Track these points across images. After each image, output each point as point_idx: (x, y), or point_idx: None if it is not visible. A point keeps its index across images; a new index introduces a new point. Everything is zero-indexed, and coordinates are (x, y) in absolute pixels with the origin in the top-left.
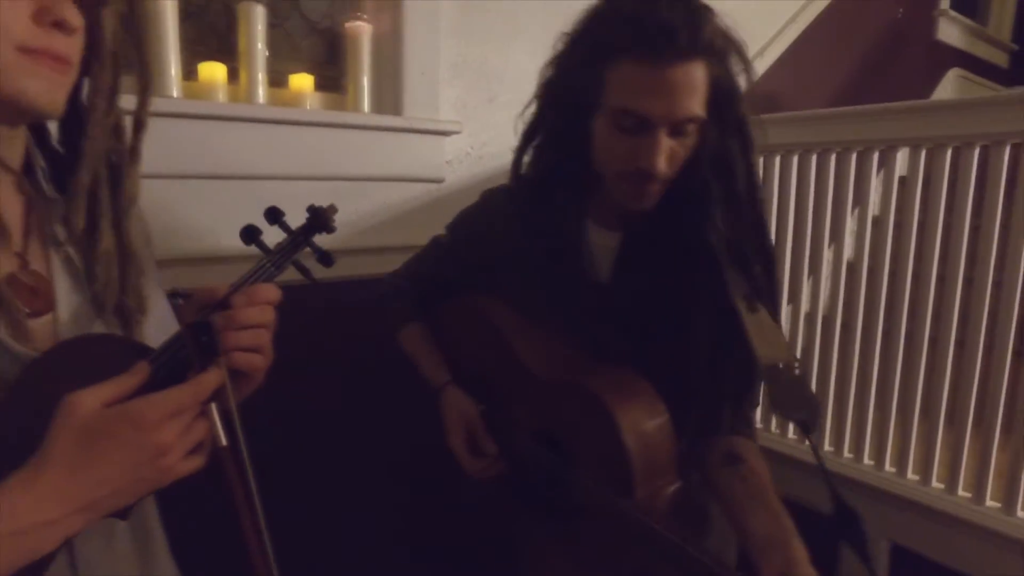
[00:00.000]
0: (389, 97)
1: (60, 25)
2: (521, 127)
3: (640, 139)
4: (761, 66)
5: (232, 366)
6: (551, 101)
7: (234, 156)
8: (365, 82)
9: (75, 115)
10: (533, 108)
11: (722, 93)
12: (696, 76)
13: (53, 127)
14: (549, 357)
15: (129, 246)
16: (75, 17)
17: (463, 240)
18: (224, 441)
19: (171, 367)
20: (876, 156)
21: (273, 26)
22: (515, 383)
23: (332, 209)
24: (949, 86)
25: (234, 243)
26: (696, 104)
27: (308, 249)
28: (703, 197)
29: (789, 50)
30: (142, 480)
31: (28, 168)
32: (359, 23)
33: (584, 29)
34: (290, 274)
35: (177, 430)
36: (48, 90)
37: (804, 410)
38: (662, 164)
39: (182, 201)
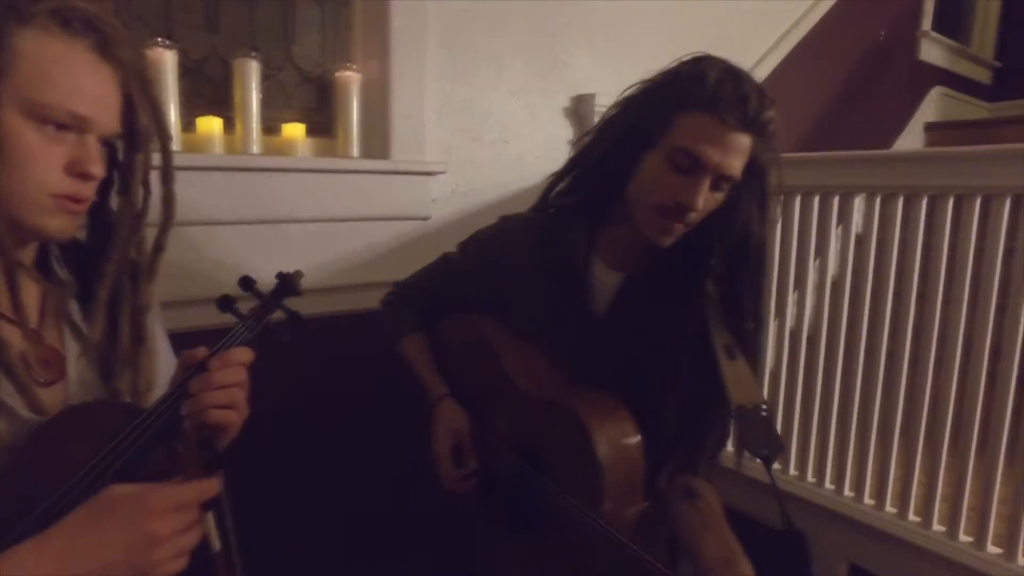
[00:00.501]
0: (377, 141)
1: (85, 176)
2: (569, 155)
3: (688, 179)
4: (759, 76)
5: (208, 422)
6: (608, 134)
7: (230, 204)
8: (354, 127)
9: (99, 228)
10: (586, 140)
11: (757, 168)
12: (746, 144)
13: None
14: (537, 376)
15: (143, 340)
16: (99, 170)
17: (475, 261)
18: (217, 547)
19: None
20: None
21: (267, 76)
22: (501, 397)
23: (299, 274)
24: (933, 104)
25: (232, 287)
26: (739, 166)
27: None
28: (706, 253)
29: (775, 72)
30: (131, 566)
31: (43, 255)
32: (348, 73)
33: (669, 79)
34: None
35: (173, 525)
36: (64, 226)
37: (768, 447)
38: (700, 203)
39: (183, 247)
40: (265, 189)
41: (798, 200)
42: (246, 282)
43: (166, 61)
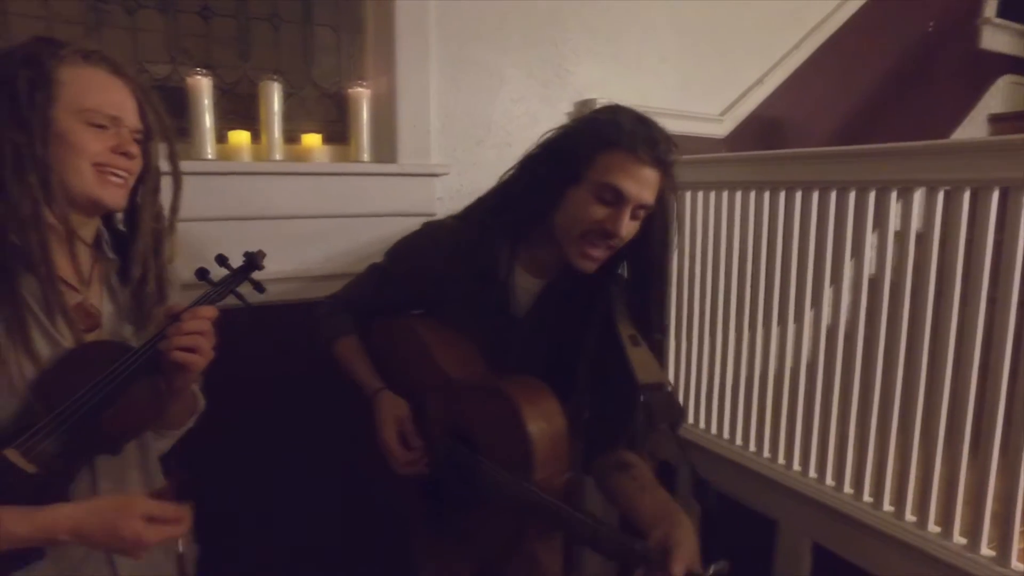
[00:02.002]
0: (386, 147)
1: (126, 154)
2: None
3: (612, 209)
4: (772, 84)
5: (175, 360)
6: (531, 171)
7: (256, 201)
8: (365, 136)
9: (133, 208)
10: (510, 174)
11: (664, 200)
12: (656, 179)
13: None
14: (467, 366)
15: (166, 298)
16: (135, 149)
17: (403, 267)
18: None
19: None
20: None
21: (290, 94)
22: (435, 388)
23: (261, 254)
24: (999, 94)
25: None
26: (653, 197)
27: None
28: (616, 265)
29: (795, 74)
30: (111, 547)
31: (97, 239)
32: (360, 88)
33: (589, 122)
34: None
35: (154, 532)
36: (115, 196)
37: (673, 416)
38: (623, 230)
39: (216, 238)
40: (286, 190)
41: (833, 195)
42: (220, 258)
43: (203, 87)
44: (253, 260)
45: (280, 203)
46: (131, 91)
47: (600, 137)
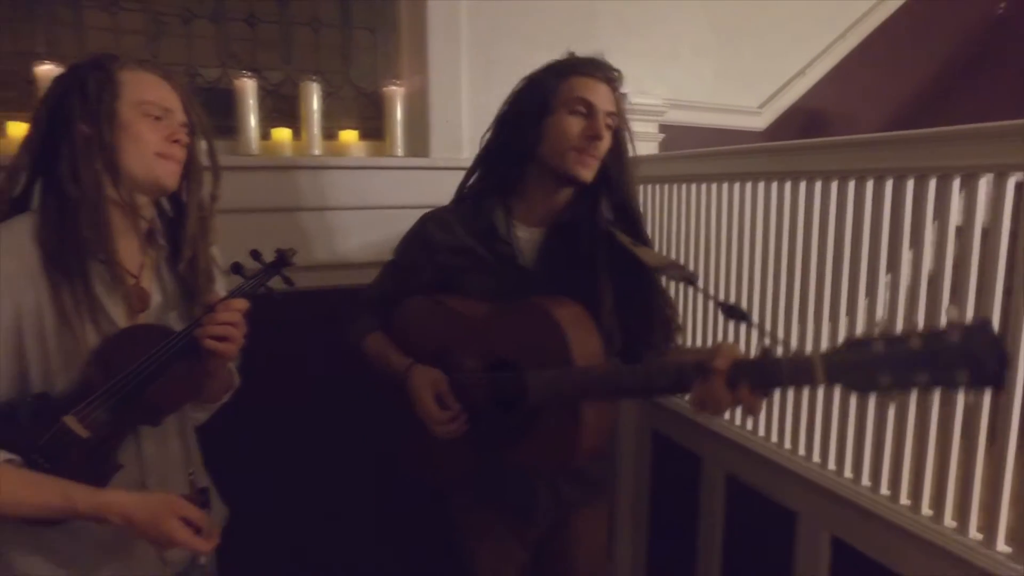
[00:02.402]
0: (419, 142)
1: (178, 141)
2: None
3: (588, 119)
4: (815, 74)
5: (206, 347)
6: (509, 121)
7: (296, 194)
8: (399, 132)
9: (180, 196)
10: (487, 137)
11: (623, 127)
12: (610, 92)
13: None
14: (489, 310)
15: (213, 281)
16: (186, 138)
17: (416, 251)
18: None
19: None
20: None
21: (328, 94)
22: (465, 337)
23: (292, 251)
24: None
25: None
26: (615, 107)
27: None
28: (596, 202)
29: (845, 61)
30: (147, 535)
31: (151, 230)
32: (394, 87)
33: (546, 68)
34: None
35: (187, 532)
36: (171, 176)
37: (681, 273)
38: (603, 131)
39: (258, 229)
40: (325, 183)
41: (889, 184)
42: (254, 253)
43: (248, 88)
44: (284, 256)
45: (319, 195)
46: (177, 92)
47: (559, 72)
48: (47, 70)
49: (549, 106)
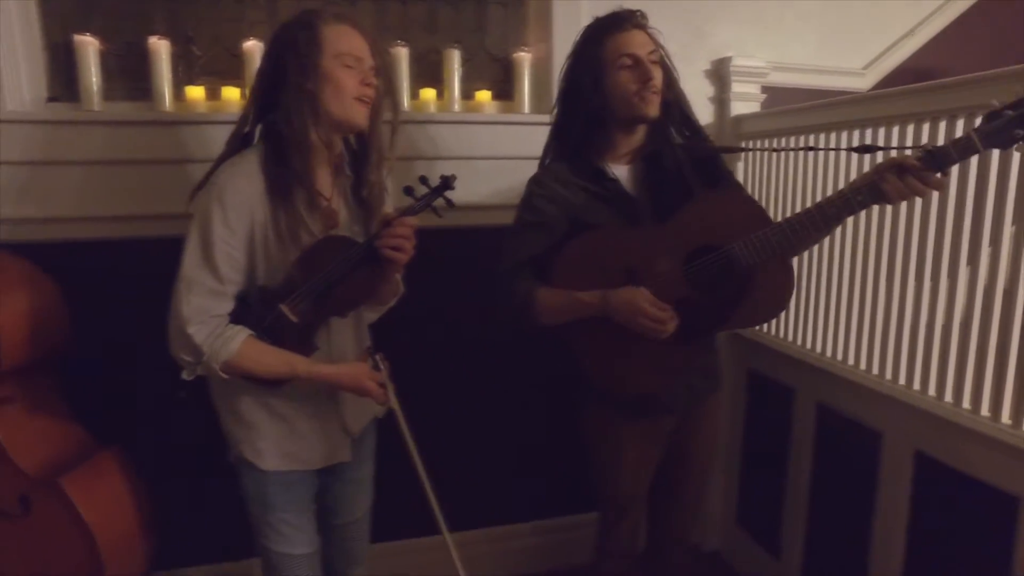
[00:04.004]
0: (544, 101)
1: (370, 85)
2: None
3: (637, 68)
4: (925, 34)
5: (383, 255)
6: (572, 96)
7: (440, 145)
8: (526, 91)
9: (363, 144)
10: (556, 115)
11: (663, 53)
12: (644, 35)
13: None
14: (653, 225)
15: (383, 196)
16: (374, 80)
17: (542, 207)
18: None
19: (366, 251)
20: None
21: (466, 60)
22: (644, 254)
23: (453, 176)
24: None
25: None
26: (653, 45)
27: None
28: (665, 126)
29: (962, 19)
30: (347, 389)
31: (339, 161)
32: (522, 53)
33: (580, 40)
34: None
35: (373, 389)
36: (363, 116)
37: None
38: (652, 72)
39: (409, 173)
40: (463, 136)
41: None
42: (422, 178)
43: (401, 55)
44: (447, 181)
45: (458, 147)
46: (366, 39)
47: (594, 39)
48: (252, 46)
49: (601, 72)
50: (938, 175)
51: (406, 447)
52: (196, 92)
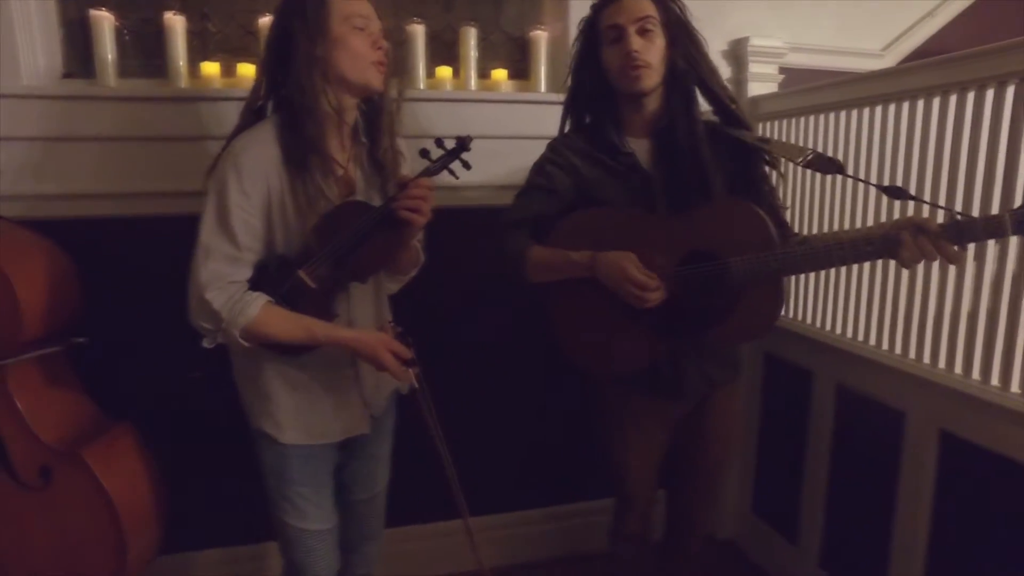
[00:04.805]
0: (560, 80)
1: (381, 48)
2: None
3: (621, 42)
4: (945, 16)
5: (400, 217)
6: (576, 67)
7: (456, 123)
8: (542, 71)
9: (372, 108)
10: (569, 86)
11: (673, 14)
12: (642, 2)
13: None
14: (664, 215)
15: (399, 166)
16: (384, 43)
17: (553, 173)
18: (416, 385)
19: (384, 213)
20: None
21: (482, 39)
22: (646, 240)
23: (469, 138)
24: None
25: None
26: (646, 9)
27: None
28: (681, 97)
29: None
30: (367, 358)
31: (355, 129)
32: (538, 32)
33: (586, 20)
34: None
35: (391, 362)
36: (378, 79)
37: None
38: (634, 45)
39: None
40: (479, 114)
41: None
42: (438, 141)
43: (417, 32)
44: (463, 142)
45: (474, 125)
46: (372, 3)
47: (594, 10)
48: (267, 22)
49: (595, 47)
50: (955, 248)
51: (429, 430)
52: (211, 68)
